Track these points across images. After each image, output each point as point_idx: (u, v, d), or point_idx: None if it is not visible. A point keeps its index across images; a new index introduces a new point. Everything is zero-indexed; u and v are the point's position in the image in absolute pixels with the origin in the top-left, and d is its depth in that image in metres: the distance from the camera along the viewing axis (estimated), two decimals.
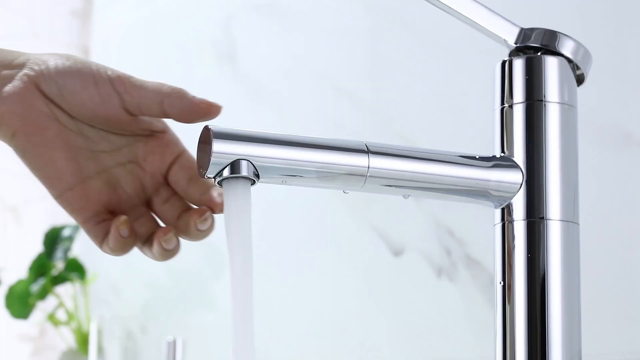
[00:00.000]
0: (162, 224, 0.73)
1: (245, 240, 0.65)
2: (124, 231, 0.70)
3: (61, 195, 0.71)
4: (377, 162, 0.67)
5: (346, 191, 0.68)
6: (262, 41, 1.44)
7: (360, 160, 0.67)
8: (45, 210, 2.05)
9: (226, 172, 0.64)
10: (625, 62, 0.94)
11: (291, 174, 0.66)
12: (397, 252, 1.14)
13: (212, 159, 0.63)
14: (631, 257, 0.91)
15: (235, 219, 0.65)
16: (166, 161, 0.73)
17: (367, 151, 0.67)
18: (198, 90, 0.71)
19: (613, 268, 0.93)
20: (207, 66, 1.54)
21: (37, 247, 1.82)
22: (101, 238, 0.71)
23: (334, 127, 1.27)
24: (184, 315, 1.58)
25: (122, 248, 0.71)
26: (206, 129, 0.64)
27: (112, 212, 0.72)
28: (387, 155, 0.68)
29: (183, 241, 0.73)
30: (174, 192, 0.73)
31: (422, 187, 0.69)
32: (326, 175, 0.67)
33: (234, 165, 0.64)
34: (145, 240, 0.72)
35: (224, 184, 0.65)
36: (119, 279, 1.74)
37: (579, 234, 0.71)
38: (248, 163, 0.64)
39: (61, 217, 2.06)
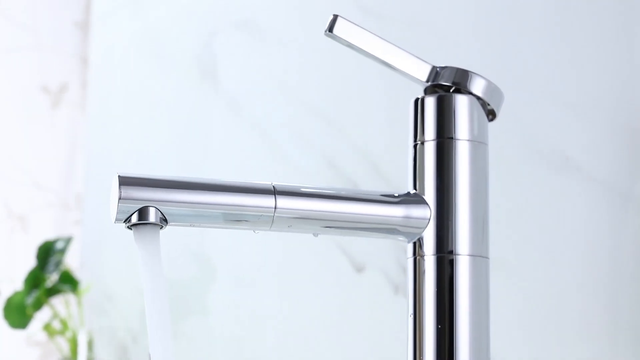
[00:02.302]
0: None
1: (157, 284, 0.68)
2: None
3: None
4: (284, 203, 0.70)
5: (256, 231, 0.71)
6: (243, 58, 1.46)
7: (267, 202, 0.69)
8: (51, 219, 2.09)
9: (135, 218, 0.67)
10: (565, 87, 0.95)
11: (198, 218, 0.68)
12: (359, 269, 1.17)
13: (119, 206, 0.66)
14: (569, 277, 0.93)
15: (147, 264, 0.67)
16: None
17: (273, 192, 0.70)
18: (181, 106, 0.73)
19: (551, 289, 0.95)
20: (192, 82, 1.57)
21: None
22: None
23: (312, 147, 1.29)
24: (176, 325, 1.62)
25: None
26: (115, 175, 0.67)
27: None
28: (294, 195, 0.70)
29: (176, 250, 0.75)
30: None
31: (330, 226, 0.72)
32: (233, 217, 0.69)
33: (142, 212, 0.67)
34: None
35: (134, 229, 0.67)
36: (113, 289, 1.77)
37: (488, 267, 0.73)
38: (156, 210, 0.67)
39: (67, 226, 2.10)
